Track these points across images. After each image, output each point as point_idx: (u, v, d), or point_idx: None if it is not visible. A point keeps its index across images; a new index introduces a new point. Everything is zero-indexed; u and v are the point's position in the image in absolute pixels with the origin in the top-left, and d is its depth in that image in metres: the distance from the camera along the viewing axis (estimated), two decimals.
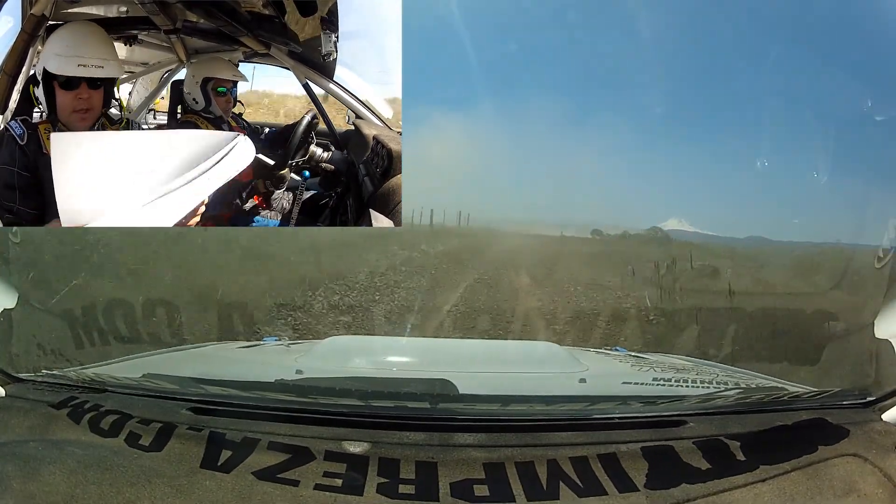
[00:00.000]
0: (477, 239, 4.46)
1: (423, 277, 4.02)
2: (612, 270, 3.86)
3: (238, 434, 1.02)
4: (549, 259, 4.02)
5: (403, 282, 3.85)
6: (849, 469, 0.97)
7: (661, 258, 3.46)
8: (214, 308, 2.23)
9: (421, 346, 2.00)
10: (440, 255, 4.35)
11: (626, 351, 1.86)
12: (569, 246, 4.08)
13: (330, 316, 3.30)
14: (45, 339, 1.55)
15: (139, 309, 1.83)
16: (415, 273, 4.06)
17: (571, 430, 1.04)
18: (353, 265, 4.06)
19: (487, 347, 2.13)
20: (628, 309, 3.23)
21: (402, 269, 4.04)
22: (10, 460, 0.96)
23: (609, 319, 2.87)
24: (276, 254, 3.76)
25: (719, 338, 2.27)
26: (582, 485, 0.94)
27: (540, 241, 4.04)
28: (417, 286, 3.84)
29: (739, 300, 2.87)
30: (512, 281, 3.83)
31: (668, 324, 2.84)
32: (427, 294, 3.81)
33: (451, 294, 3.42)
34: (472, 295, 3.49)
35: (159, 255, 3.31)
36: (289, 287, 3.55)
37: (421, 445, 1.00)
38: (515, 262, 3.97)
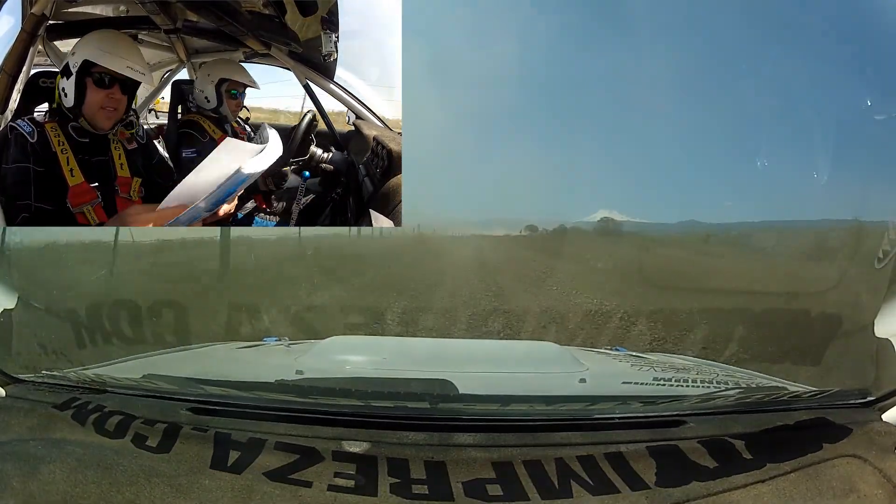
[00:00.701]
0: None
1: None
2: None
3: (243, 434, 1.02)
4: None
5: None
6: (849, 469, 0.97)
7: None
8: (215, 308, 2.23)
9: (421, 346, 2.00)
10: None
11: (627, 351, 1.86)
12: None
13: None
14: (46, 340, 1.55)
15: (139, 309, 1.83)
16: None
17: (572, 430, 1.04)
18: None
19: (487, 347, 2.13)
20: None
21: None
22: (10, 460, 0.96)
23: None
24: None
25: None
26: (593, 483, 0.94)
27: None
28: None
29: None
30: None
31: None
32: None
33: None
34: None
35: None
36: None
37: (422, 445, 1.00)
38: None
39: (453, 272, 4.30)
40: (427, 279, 4.21)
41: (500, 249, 4.44)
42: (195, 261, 3.46)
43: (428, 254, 4.42)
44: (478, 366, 1.43)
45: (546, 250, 3.99)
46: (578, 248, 3.74)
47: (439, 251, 4.39)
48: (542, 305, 3.42)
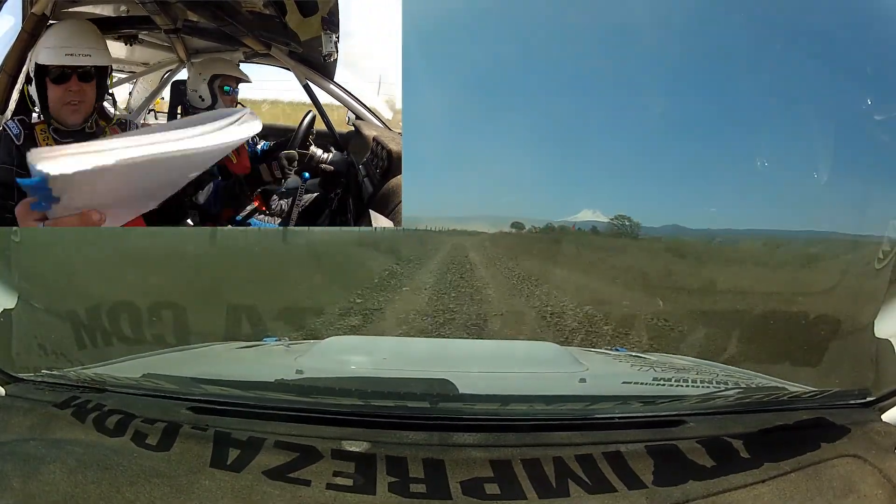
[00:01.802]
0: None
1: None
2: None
3: (243, 434, 1.02)
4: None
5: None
6: (848, 469, 0.97)
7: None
8: (215, 308, 2.23)
9: (421, 346, 2.00)
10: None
11: (626, 351, 1.86)
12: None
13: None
14: (46, 339, 1.55)
15: (140, 309, 1.83)
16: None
17: (572, 430, 1.04)
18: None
19: (487, 347, 2.14)
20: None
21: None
22: (10, 460, 0.96)
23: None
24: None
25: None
26: (590, 482, 0.94)
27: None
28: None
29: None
30: None
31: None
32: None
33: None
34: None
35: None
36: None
37: (422, 445, 1.00)
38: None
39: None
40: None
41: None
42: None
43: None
44: (478, 366, 1.44)
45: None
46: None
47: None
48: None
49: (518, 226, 4.11)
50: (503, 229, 4.27)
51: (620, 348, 2.00)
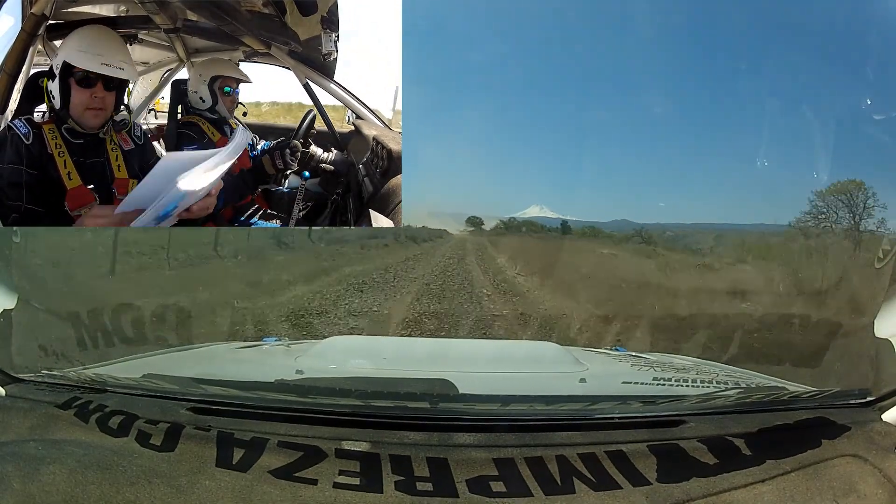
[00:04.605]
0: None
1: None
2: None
3: (245, 434, 1.02)
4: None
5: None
6: (849, 469, 0.97)
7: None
8: (215, 309, 2.23)
9: (421, 346, 2.00)
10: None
11: (626, 351, 1.86)
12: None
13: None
14: (46, 340, 1.55)
15: (140, 309, 1.83)
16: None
17: (573, 430, 1.04)
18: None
19: (487, 347, 2.14)
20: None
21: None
22: (11, 460, 0.96)
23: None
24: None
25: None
26: (595, 480, 0.94)
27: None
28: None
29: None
30: None
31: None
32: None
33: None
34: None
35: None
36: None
37: (424, 445, 1.00)
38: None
39: None
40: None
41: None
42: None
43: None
44: (478, 366, 1.44)
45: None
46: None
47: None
48: None
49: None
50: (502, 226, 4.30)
51: (620, 348, 2.00)
